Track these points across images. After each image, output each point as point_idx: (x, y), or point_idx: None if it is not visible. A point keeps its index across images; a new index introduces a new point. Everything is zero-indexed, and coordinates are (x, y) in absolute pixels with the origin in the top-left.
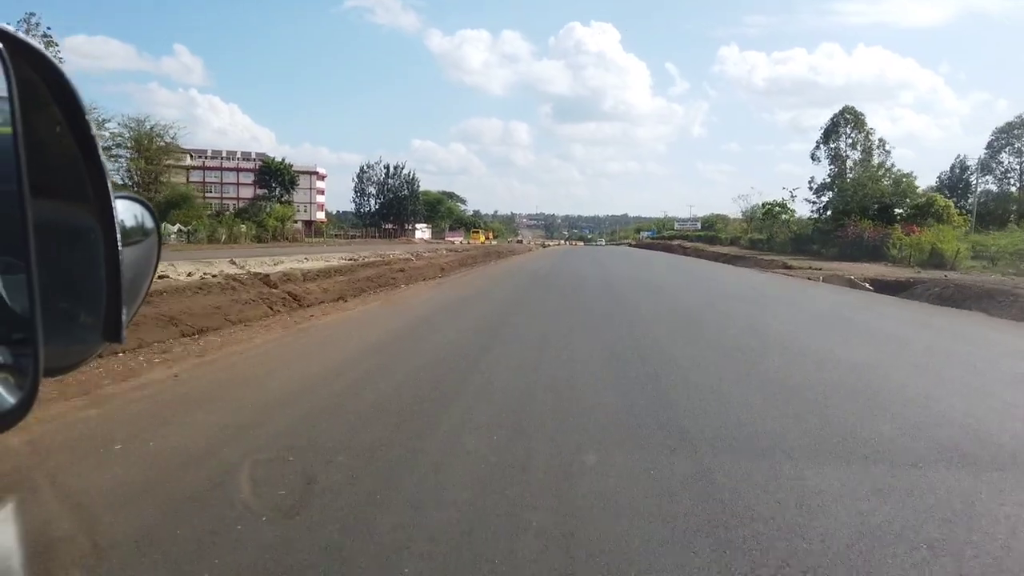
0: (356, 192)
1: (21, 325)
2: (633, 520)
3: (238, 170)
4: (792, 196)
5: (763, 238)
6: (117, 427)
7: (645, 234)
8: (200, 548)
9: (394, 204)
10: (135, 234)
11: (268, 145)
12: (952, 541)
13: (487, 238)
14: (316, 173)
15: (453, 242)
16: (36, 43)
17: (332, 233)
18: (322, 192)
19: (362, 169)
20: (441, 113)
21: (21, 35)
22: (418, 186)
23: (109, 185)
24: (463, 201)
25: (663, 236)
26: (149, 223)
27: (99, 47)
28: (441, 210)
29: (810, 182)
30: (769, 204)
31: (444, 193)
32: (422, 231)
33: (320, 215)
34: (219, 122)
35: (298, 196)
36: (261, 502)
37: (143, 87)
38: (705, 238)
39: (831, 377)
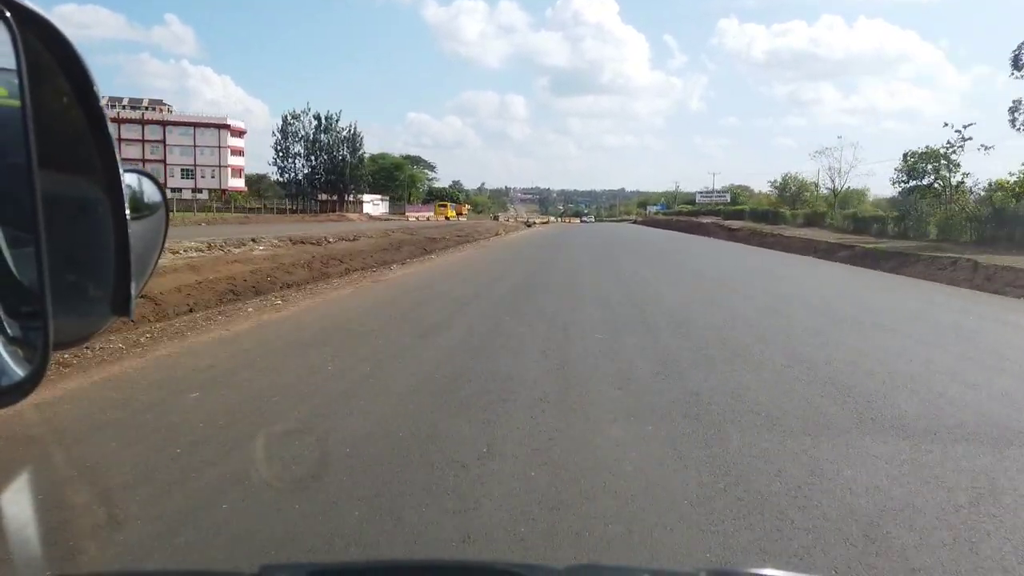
0: (278, 152)
1: (30, 298)
2: None
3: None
4: (961, 139)
5: (892, 216)
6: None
7: (654, 208)
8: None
9: (330, 169)
10: (143, 208)
11: (262, 117)
12: None
13: (458, 213)
14: (226, 126)
15: (409, 219)
16: (44, 12)
17: (239, 207)
18: (240, 152)
19: (284, 121)
20: (436, 86)
21: (29, 4)
22: (362, 145)
23: (118, 158)
24: (431, 167)
25: (679, 211)
26: (157, 197)
27: (89, 16)
28: (401, 178)
29: (1014, 109)
30: (914, 153)
31: (407, 158)
32: (374, 204)
33: (237, 182)
34: (212, 94)
35: (203, 158)
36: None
37: (134, 57)
38: (754, 214)
39: None
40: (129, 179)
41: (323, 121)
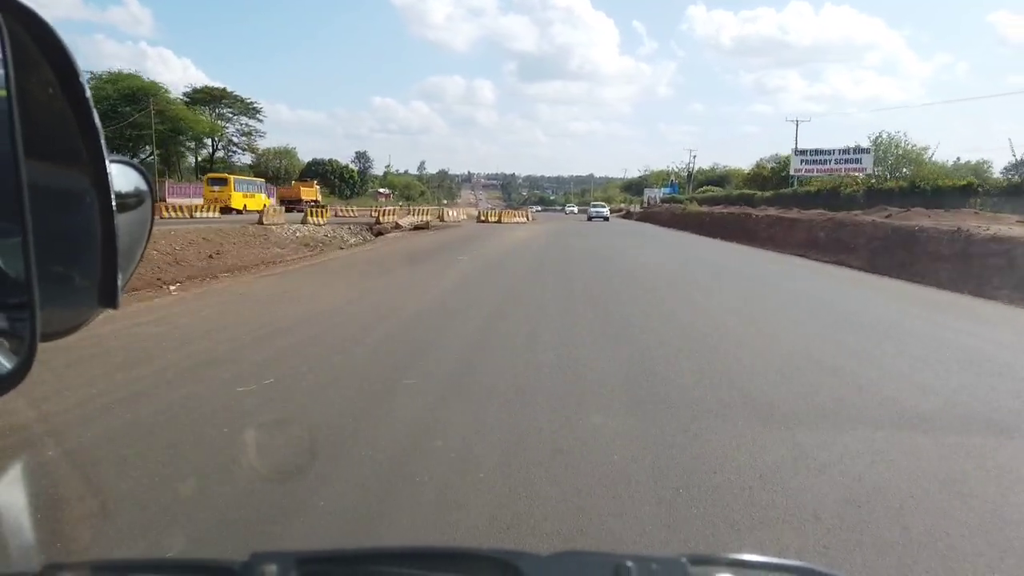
0: None
1: (17, 289)
2: None
3: None
4: None
5: None
6: None
7: (658, 193)
8: None
9: None
10: (130, 199)
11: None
12: None
13: (290, 200)
14: None
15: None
16: (31, 3)
17: None
18: None
19: None
20: (403, 70)
21: None
22: None
23: (104, 148)
24: (250, 112)
25: (747, 194)
26: (143, 188)
27: None
28: (134, 119)
29: None
30: None
31: (200, 91)
32: None
33: None
34: (171, 76)
35: None
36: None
37: (89, 38)
38: None
39: None
40: (116, 170)
41: None
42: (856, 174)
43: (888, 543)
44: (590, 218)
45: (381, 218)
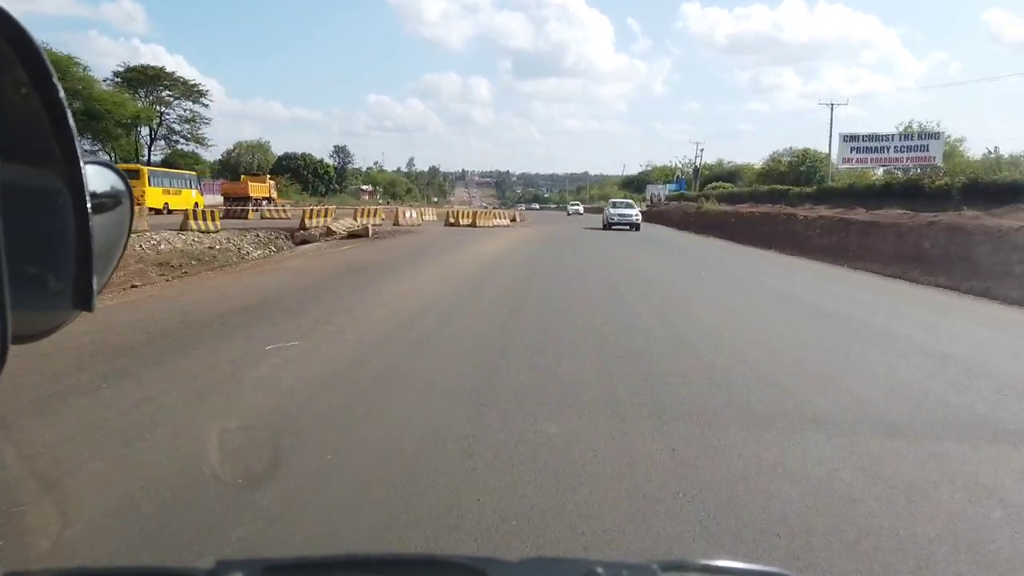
0: None
1: None
2: None
3: None
4: None
5: None
6: None
7: (662, 190)
8: None
9: None
10: (106, 200)
11: (218, 99)
12: None
13: (233, 197)
14: None
15: None
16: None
17: None
18: None
19: None
20: (398, 68)
21: None
22: None
23: (79, 150)
24: (192, 95)
25: (749, 193)
26: (121, 189)
27: None
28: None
29: None
30: None
31: (134, 70)
32: None
33: None
34: None
35: None
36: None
37: (82, 35)
38: None
39: None
40: (92, 171)
41: None
42: (926, 164)
43: (856, 548)
44: (609, 225)
45: (307, 221)
